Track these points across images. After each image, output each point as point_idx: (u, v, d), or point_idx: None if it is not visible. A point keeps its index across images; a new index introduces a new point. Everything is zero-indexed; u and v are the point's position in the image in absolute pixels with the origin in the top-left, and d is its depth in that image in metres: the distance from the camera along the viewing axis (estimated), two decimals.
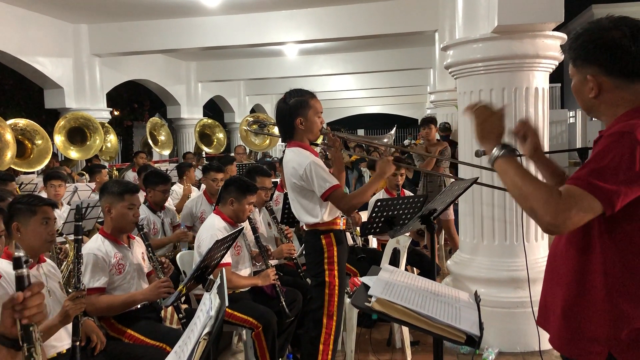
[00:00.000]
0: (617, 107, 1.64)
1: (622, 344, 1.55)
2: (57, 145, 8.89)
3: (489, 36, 3.91)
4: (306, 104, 3.06)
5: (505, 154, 1.70)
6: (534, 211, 1.53)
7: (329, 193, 2.95)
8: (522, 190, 1.58)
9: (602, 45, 1.61)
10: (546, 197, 1.51)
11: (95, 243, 3.14)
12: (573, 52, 1.68)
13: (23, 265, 1.46)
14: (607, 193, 1.47)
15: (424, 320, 1.75)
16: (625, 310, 1.55)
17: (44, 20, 8.94)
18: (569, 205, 1.48)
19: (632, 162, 1.47)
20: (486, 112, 1.85)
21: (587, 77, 1.65)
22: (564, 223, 1.49)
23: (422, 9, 8.64)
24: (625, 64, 1.60)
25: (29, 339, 1.48)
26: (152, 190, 4.84)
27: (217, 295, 1.60)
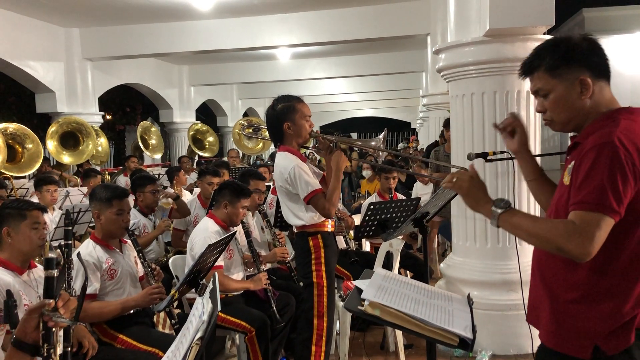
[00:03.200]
0: (594, 109, 1.72)
1: (607, 337, 1.63)
2: (49, 150, 8.85)
3: (480, 39, 3.93)
4: (293, 108, 3.14)
5: (505, 209, 1.72)
6: (562, 249, 1.58)
7: (310, 197, 3.05)
8: (540, 236, 1.63)
9: (586, 47, 1.70)
10: (565, 232, 1.57)
11: (86, 249, 3.11)
12: (553, 61, 1.72)
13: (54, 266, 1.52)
14: (614, 207, 1.54)
15: (417, 324, 1.75)
16: (610, 306, 1.63)
17: (35, 24, 8.90)
18: (590, 232, 1.54)
19: (620, 168, 1.54)
20: (464, 181, 1.86)
21: (580, 78, 1.69)
22: (592, 249, 1.55)
23: (414, 13, 8.68)
24: (602, 64, 1.71)
25: (49, 340, 1.54)
26: (141, 194, 4.82)
27: (209, 300, 1.60)
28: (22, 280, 2.61)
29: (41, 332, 1.57)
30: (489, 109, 4.02)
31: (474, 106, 4.08)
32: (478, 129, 4.06)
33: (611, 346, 1.63)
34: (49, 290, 1.59)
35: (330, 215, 3.13)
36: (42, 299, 2.63)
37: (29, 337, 1.60)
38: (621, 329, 1.62)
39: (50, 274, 1.55)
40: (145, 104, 17.70)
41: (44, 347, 1.56)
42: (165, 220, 4.80)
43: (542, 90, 1.77)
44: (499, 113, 3.99)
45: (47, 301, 1.57)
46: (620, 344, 1.62)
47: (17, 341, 1.62)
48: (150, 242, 4.69)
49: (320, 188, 3.08)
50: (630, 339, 1.62)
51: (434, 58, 6.59)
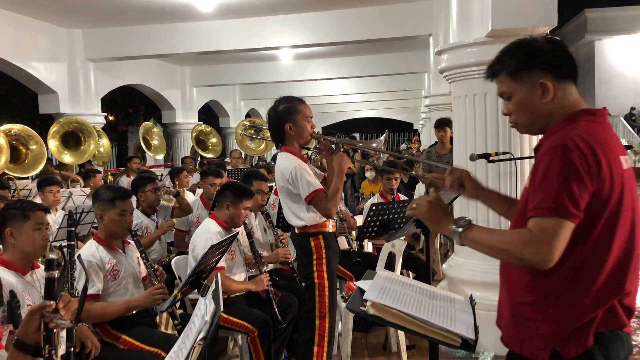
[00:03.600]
0: (557, 112, 1.71)
1: (565, 339, 1.62)
2: (51, 150, 8.87)
3: (483, 40, 3.92)
4: (294, 109, 3.15)
5: (464, 226, 1.73)
6: (522, 259, 1.59)
7: (311, 196, 3.05)
8: (500, 249, 1.65)
9: (550, 50, 1.70)
10: (522, 241, 1.58)
11: (89, 249, 3.12)
12: (514, 64, 1.73)
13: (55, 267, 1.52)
14: (571, 210, 1.53)
15: (420, 324, 1.75)
16: (570, 310, 1.62)
17: (38, 25, 8.92)
18: (547, 238, 1.54)
19: (575, 171, 1.53)
20: (422, 206, 1.87)
21: (540, 82, 1.69)
22: (552, 255, 1.54)
23: (416, 14, 8.68)
24: (567, 66, 1.70)
25: (50, 341, 1.54)
26: (142, 194, 4.84)
27: (212, 300, 1.60)
28: (25, 280, 2.61)
29: (42, 333, 1.57)
30: (492, 109, 4.02)
31: (476, 107, 4.08)
32: (480, 130, 4.06)
33: (568, 349, 1.61)
34: (49, 291, 1.59)
35: (331, 215, 3.14)
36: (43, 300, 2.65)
37: (31, 338, 1.60)
38: (577, 332, 1.61)
39: (51, 275, 1.55)
40: (148, 104, 17.74)
41: (45, 348, 1.56)
42: (168, 221, 4.81)
43: (505, 94, 1.78)
44: (501, 114, 3.98)
45: (48, 302, 1.57)
46: (578, 347, 1.61)
47: (18, 342, 1.62)
48: (153, 243, 4.70)
49: (321, 188, 3.08)
50: (588, 342, 1.60)
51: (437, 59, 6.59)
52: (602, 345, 1.61)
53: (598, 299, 1.60)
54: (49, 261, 1.51)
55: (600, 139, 1.59)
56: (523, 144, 4.02)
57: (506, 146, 3.96)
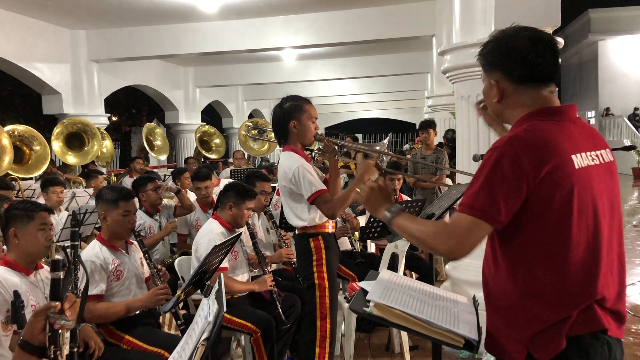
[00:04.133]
0: (517, 111, 1.71)
1: (538, 342, 1.61)
2: (55, 151, 8.89)
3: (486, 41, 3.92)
4: (300, 108, 3.14)
5: (393, 213, 1.82)
6: (431, 247, 1.69)
7: (315, 197, 3.02)
8: (416, 235, 1.72)
9: (504, 52, 1.69)
10: (435, 231, 1.67)
11: (92, 250, 3.13)
12: (482, 58, 1.76)
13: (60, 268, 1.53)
14: (489, 212, 1.56)
15: (423, 325, 1.75)
16: (536, 312, 1.61)
17: (41, 26, 8.95)
18: (458, 233, 1.61)
19: (502, 174, 1.55)
20: (364, 191, 1.95)
21: (492, 82, 1.73)
22: (459, 249, 1.62)
23: (419, 14, 8.68)
24: (523, 70, 1.68)
25: (55, 342, 1.55)
26: (144, 193, 4.85)
27: (215, 301, 1.60)
28: (29, 281, 2.62)
29: (47, 334, 1.58)
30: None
31: None
32: (483, 130, 4.05)
33: (541, 352, 1.60)
34: (55, 292, 1.60)
35: (334, 216, 3.13)
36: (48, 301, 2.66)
37: (36, 339, 1.61)
38: (547, 334, 1.59)
39: (56, 275, 1.56)
40: (151, 105, 17.77)
41: (51, 349, 1.57)
42: (172, 222, 4.82)
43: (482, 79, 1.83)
44: None
45: (54, 303, 1.58)
46: (549, 349, 1.59)
47: (23, 343, 1.63)
48: (157, 243, 4.71)
49: (325, 189, 3.06)
50: (561, 345, 1.58)
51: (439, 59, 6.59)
52: (581, 350, 1.59)
53: (565, 301, 1.58)
54: (54, 262, 1.51)
55: (548, 140, 1.57)
56: None
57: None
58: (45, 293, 2.65)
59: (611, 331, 1.61)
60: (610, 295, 1.62)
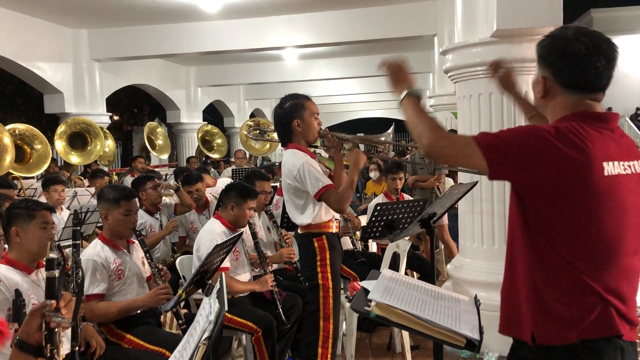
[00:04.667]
0: (556, 111, 1.72)
1: (540, 324, 1.65)
2: (58, 150, 8.90)
3: (488, 40, 3.92)
4: (302, 106, 3.11)
5: (409, 95, 1.92)
6: (420, 136, 1.73)
7: (321, 192, 2.99)
8: (414, 120, 1.80)
9: (558, 52, 1.69)
10: (433, 127, 1.72)
11: (94, 249, 3.13)
12: (538, 51, 1.78)
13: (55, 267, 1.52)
14: (493, 152, 1.60)
15: (424, 325, 1.74)
16: (542, 294, 1.64)
17: (43, 25, 8.95)
18: (452, 141, 1.68)
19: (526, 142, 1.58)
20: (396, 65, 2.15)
21: (540, 78, 1.75)
22: (440, 149, 1.68)
23: (421, 14, 8.66)
24: (571, 76, 1.67)
25: (52, 340, 1.54)
26: (143, 192, 4.85)
27: (216, 300, 1.60)
28: (31, 279, 2.62)
29: (44, 333, 1.57)
30: (497, 109, 4.01)
31: (481, 107, 4.07)
32: (485, 129, 4.04)
33: (541, 335, 1.63)
34: (50, 290, 1.59)
35: (343, 210, 3.09)
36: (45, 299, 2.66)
37: (32, 339, 1.60)
38: (555, 323, 1.61)
39: (51, 274, 1.55)
40: (153, 104, 17.78)
41: (47, 348, 1.56)
42: (173, 221, 4.82)
43: None
44: (506, 114, 3.98)
45: (49, 302, 1.57)
46: (552, 337, 1.61)
47: (20, 342, 1.62)
48: (158, 242, 4.72)
49: (331, 183, 3.02)
50: (569, 338, 1.59)
51: (441, 59, 6.59)
52: (594, 354, 1.59)
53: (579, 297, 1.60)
54: (49, 260, 1.51)
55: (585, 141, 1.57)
56: None
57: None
58: None
59: (625, 336, 1.62)
60: (626, 300, 1.63)
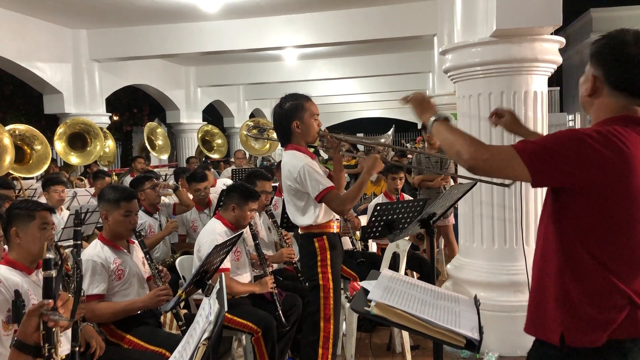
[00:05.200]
0: (600, 112, 1.73)
1: (571, 326, 1.65)
2: (57, 151, 8.89)
3: (487, 40, 3.92)
4: (301, 107, 3.09)
5: (438, 119, 1.95)
6: (459, 153, 1.71)
7: (322, 194, 2.97)
8: (449, 139, 1.79)
9: (615, 55, 1.69)
10: (470, 141, 1.71)
11: (94, 249, 3.13)
12: (593, 49, 1.77)
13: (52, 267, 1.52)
14: (535, 161, 1.59)
15: (424, 325, 1.74)
16: (572, 296, 1.65)
17: (43, 25, 8.95)
18: (493, 153, 1.66)
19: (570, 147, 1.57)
20: (420, 95, 2.17)
21: (591, 76, 1.73)
22: (483, 163, 1.65)
23: (420, 14, 8.66)
24: (623, 79, 1.68)
25: (50, 340, 1.54)
26: (142, 193, 4.85)
27: (216, 301, 1.60)
28: (31, 280, 2.62)
29: (42, 333, 1.57)
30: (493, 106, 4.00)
31: (480, 107, 4.07)
32: (485, 130, 4.05)
33: (573, 338, 1.63)
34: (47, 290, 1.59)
35: (345, 212, 3.08)
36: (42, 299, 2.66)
37: (30, 339, 1.60)
38: (586, 325, 1.62)
39: (49, 274, 1.55)
40: (152, 105, 17.76)
41: (45, 347, 1.56)
42: (173, 222, 4.83)
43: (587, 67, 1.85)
44: None
45: (46, 301, 1.57)
46: (583, 339, 1.63)
47: (18, 343, 1.62)
48: (158, 243, 4.72)
49: (332, 185, 3.01)
50: (599, 340, 1.61)
51: (441, 59, 6.58)
52: (620, 354, 1.62)
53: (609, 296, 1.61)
54: (46, 261, 1.50)
55: (629, 146, 1.59)
56: None
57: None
58: None
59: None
60: None
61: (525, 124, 3.99)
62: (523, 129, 2.31)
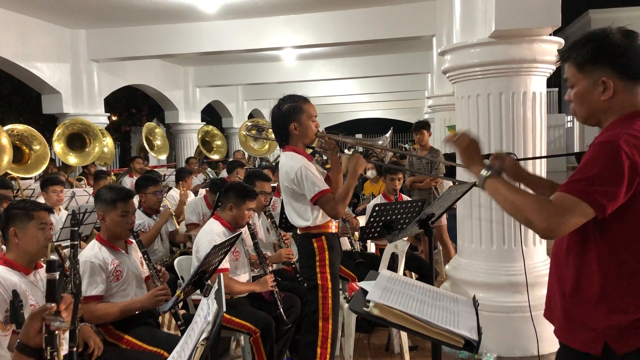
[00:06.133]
0: (620, 110, 1.70)
1: (617, 334, 1.63)
2: (56, 152, 8.89)
3: (486, 41, 3.92)
4: (299, 109, 3.09)
5: (492, 174, 1.80)
6: (530, 221, 1.62)
7: (317, 197, 2.99)
8: (514, 204, 1.68)
9: (615, 49, 1.67)
10: (538, 205, 1.62)
11: (92, 250, 3.12)
12: (582, 57, 1.72)
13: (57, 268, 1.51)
14: (597, 198, 1.56)
15: (422, 325, 1.74)
16: (618, 303, 1.63)
17: (41, 25, 8.94)
18: (561, 211, 1.58)
19: (617, 167, 1.55)
20: (466, 139, 1.93)
21: (603, 79, 1.69)
22: (558, 228, 1.59)
23: (419, 14, 8.67)
24: (632, 66, 1.68)
25: (52, 343, 1.53)
26: (144, 195, 4.86)
27: (214, 301, 1.60)
28: (29, 280, 2.62)
29: (44, 336, 1.56)
30: (495, 110, 4.01)
31: (479, 107, 4.07)
32: (483, 131, 4.05)
33: (621, 344, 1.62)
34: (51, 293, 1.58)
35: (338, 216, 3.09)
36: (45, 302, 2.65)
37: (32, 341, 1.59)
38: (630, 327, 1.62)
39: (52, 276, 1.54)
40: (151, 105, 17.76)
41: (47, 350, 1.55)
42: (167, 210, 4.87)
43: (569, 82, 1.80)
44: (505, 114, 3.98)
45: (49, 305, 1.56)
46: (630, 342, 1.62)
47: (20, 345, 1.62)
48: (157, 234, 4.73)
49: (327, 188, 3.02)
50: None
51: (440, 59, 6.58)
52: None
53: None
54: (50, 262, 1.49)
55: None
56: (526, 145, 4.01)
57: (509, 147, 3.95)
58: (44, 292, 2.65)
59: None
60: None
61: (524, 124, 4.04)
62: (524, 173, 2.16)
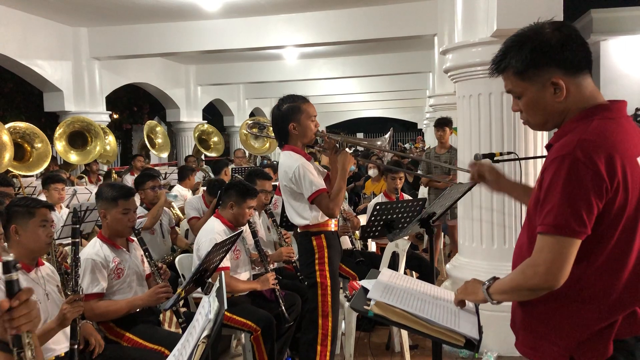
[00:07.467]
0: (577, 105, 1.60)
1: (582, 347, 1.57)
2: (58, 151, 8.89)
3: (488, 40, 3.92)
4: (298, 109, 3.12)
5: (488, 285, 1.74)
6: (534, 289, 1.57)
7: (314, 196, 3.03)
8: (516, 287, 1.62)
9: (553, 45, 1.57)
10: (521, 270, 1.58)
11: (93, 248, 3.13)
12: (521, 63, 1.62)
13: (12, 269, 1.42)
14: (573, 227, 1.48)
15: (423, 324, 1.74)
16: (583, 317, 1.57)
17: (43, 23, 8.95)
18: (550, 260, 1.50)
19: (579, 183, 1.46)
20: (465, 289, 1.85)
21: (552, 80, 1.58)
22: (559, 275, 1.51)
23: (421, 13, 8.66)
24: (582, 57, 1.58)
25: (18, 343, 1.44)
26: (142, 191, 4.88)
27: (215, 299, 1.60)
28: (30, 277, 2.62)
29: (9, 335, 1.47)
30: (496, 109, 4.01)
31: (480, 107, 4.07)
32: (485, 130, 4.05)
33: (586, 358, 1.56)
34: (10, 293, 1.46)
35: (334, 215, 3.12)
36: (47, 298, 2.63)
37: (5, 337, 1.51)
38: (594, 340, 1.56)
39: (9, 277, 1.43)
40: (152, 103, 17.76)
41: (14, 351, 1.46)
42: (162, 193, 4.93)
43: (513, 92, 1.69)
44: (506, 114, 3.98)
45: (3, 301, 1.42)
46: (595, 355, 1.56)
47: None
48: (158, 217, 4.77)
49: (324, 188, 3.06)
50: (608, 351, 1.55)
51: (441, 58, 6.58)
52: (627, 353, 1.57)
53: (615, 307, 1.55)
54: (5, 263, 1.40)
55: (615, 141, 1.50)
56: (528, 144, 4.01)
57: (511, 146, 3.95)
58: (45, 290, 2.66)
59: None
60: None
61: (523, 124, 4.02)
62: (508, 183, 2.07)
